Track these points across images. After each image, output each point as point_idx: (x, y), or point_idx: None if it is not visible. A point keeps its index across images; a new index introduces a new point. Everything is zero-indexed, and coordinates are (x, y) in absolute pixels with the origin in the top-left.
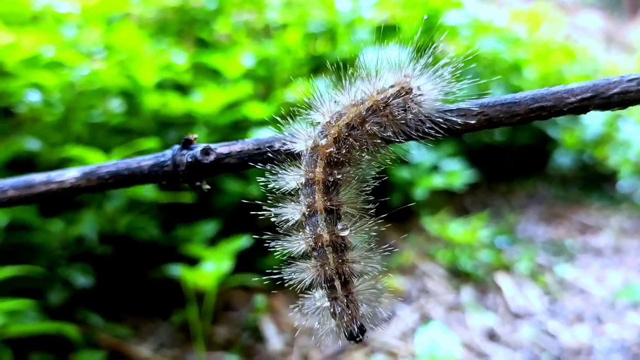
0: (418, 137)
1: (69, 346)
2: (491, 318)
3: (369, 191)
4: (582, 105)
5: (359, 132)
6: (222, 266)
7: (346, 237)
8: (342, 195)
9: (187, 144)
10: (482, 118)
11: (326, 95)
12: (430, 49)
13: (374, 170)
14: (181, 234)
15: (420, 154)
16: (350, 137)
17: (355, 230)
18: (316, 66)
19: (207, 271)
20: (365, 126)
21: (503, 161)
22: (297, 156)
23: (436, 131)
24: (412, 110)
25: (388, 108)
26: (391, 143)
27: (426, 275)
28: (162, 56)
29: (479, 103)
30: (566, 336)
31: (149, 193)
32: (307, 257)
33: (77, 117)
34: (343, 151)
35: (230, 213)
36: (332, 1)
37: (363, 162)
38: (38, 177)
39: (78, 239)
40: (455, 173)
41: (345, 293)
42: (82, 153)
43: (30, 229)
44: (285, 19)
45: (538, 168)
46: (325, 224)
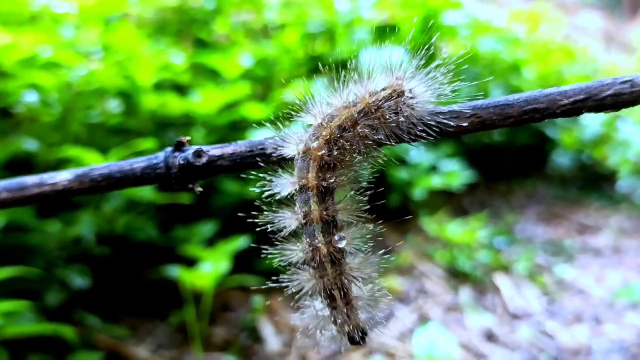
0: (410, 140)
1: (66, 347)
2: (489, 318)
3: (365, 194)
4: (575, 107)
5: (351, 134)
6: (220, 267)
7: (344, 248)
8: (338, 201)
9: (180, 146)
10: (475, 120)
11: (318, 97)
12: (423, 50)
13: (368, 172)
14: (179, 235)
15: (418, 154)
16: (341, 139)
17: (352, 238)
18: (315, 66)
19: (205, 272)
20: (357, 128)
21: (502, 161)
22: (290, 160)
23: (428, 134)
24: (404, 113)
25: (380, 111)
26: (383, 145)
27: (424, 275)
28: (161, 56)
29: (472, 105)
30: (565, 336)
31: (147, 194)
32: (306, 264)
33: (75, 118)
34: (335, 153)
35: (228, 213)
36: (331, 1)
37: (356, 164)
38: (31, 179)
39: (75, 240)
40: (453, 173)
41: (345, 302)
42: (80, 153)
43: (27, 230)
44: (283, 19)
45: (537, 168)
46: (322, 235)
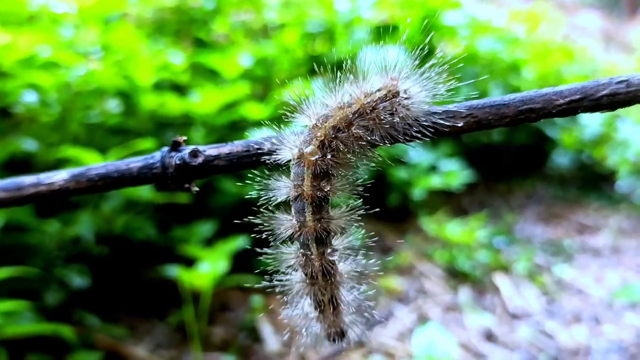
0: (405, 141)
1: (66, 347)
2: (489, 318)
3: (361, 199)
4: (571, 107)
5: (345, 135)
6: (219, 266)
7: (335, 262)
8: (333, 209)
9: (176, 146)
10: (471, 120)
11: (314, 98)
12: (419, 50)
13: (363, 174)
14: (178, 235)
15: (418, 154)
16: (336, 140)
17: (346, 246)
18: (314, 66)
19: (204, 271)
20: (351, 129)
21: (501, 161)
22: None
23: (424, 134)
24: (400, 114)
25: (375, 112)
26: (378, 146)
27: (424, 275)
28: (160, 56)
29: (468, 105)
30: (564, 336)
31: (146, 193)
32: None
33: (74, 118)
34: (329, 157)
35: (227, 213)
36: (331, 1)
37: (351, 167)
38: (27, 179)
39: (74, 240)
40: (453, 173)
41: (332, 307)
42: (79, 153)
43: (26, 230)
44: (283, 19)
45: (536, 168)
46: (315, 247)
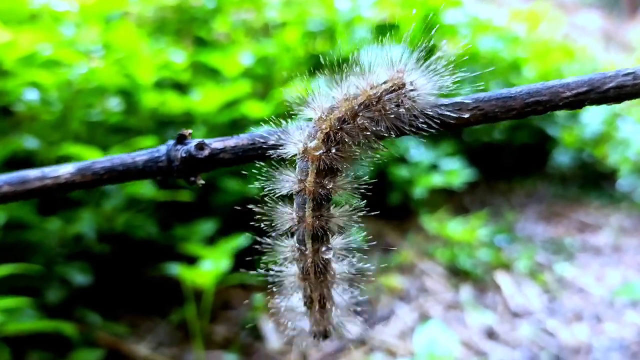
0: (411, 132)
1: (67, 344)
2: (490, 316)
3: (363, 198)
4: (578, 99)
5: (350, 126)
6: (221, 265)
7: (329, 260)
8: (334, 207)
9: (182, 139)
10: (478, 112)
11: (319, 91)
12: (423, 44)
13: (367, 170)
14: (179, 233)
15: (419, 153)
16: (341, 132)
17: (342, 246)
18: (315, 65)
19: (206, 270)
20: (357, 120)
21: (502, 160)
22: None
23: (430, 126)
24: (405, 105)
25: (381, 103)
26: (384, 138)
27: (425, 274)
28: (161, 55)
29: (474, 97)
30: (565, 335)
31: (147, 191)
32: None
33: (75, 116)
34: (333, 150)
35: (229, 212)
36: (332, 0)
37: (355, 160)
38: (32, 173)
39: (76, 237)
40: (454, 172)
41: (320, 305)
42: (80, 151)
43: (27, 227)
44: (284, 18)
45: (537, 167)
46: (311, 243)
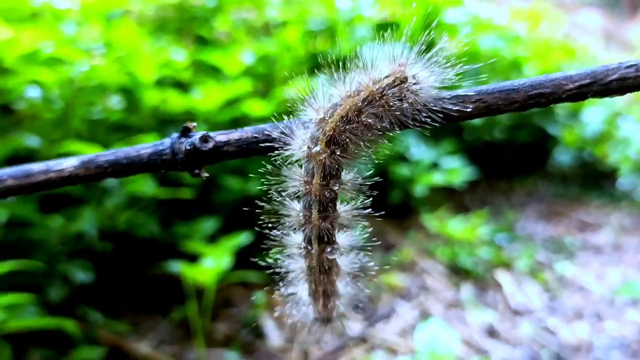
0: (415, 126)
1: (69, 342)
2: (491, 315)
3: (368, 196)
4: (581, 92)
5: (354, 126)
6: (222, 262)
7: (334, 260)
8: (340, 206)
9: (186, 132)
10: (481, 105)
11: (320, 90)
12: (424, 37)
13: (371, 168)
14: (181, 231)
15: (420, 151)
16: (345, 133)
17: (348, 244)
18: (316, 64)
19: (207, 267)
20: (361, 117)
21: (503, 159)
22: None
23: (433, 119)
24: (408, 99)
25: (384, 98)
26: (387, 134)
27: (426, 272)
28: (162, 53)
29: (477, 90)
30: (566, 333)
31: (149, 189)
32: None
33: (76, 114)
34: (338, 152)
35: (230, 209)
36: None
37: (360, 159)
38: (37, 167)
39: (78, 235)
40: (455, 170)
41: (323, 299)
42: (81, 149)
43: (29, 225)
44: (285, 17)
45: (538, 166)
46: (317, 243)
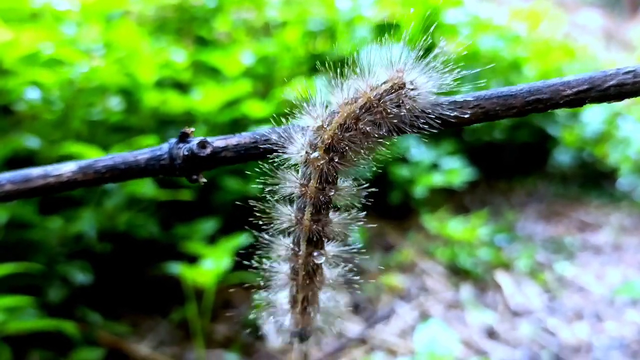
0: (413, 132)
1: (68, 343)
2: (490, 315)
3: (361, 209)
4: (579, 97)
5: (352, 134)
6: (222, 264)
7: (320, 265)
8: (333, 213)
9: (184, 137)
10: (479, 110)
11: (318, 96)
12: (422, 42)
13: (368, 170)
14: (180, 232)
15: (419, 152)
16: (343, 141)
17: (335, 254)
18: (316, 64)
19: (207, 269)
20: (359, 125)
21: (503, 159)
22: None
23: (431, 125)
24: (407, 106)
25: (382, 105)
26: (385, 140)
27: (425, 273)
28: (162, 54)
29: (475, 95)
30: (565, 333)
31: (148, 190)
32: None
33: (76, 115)
34: (336, 159)
35: (230, 210)
36: None
37: (358, 165)
38: (35, 171)
39: (77, 237)
40: (454, 171)
41: (303, 307)
42: (81, 150)
43: (29, 226)
44: (284, 17)
45: (538, 166)
46: (305, 246)
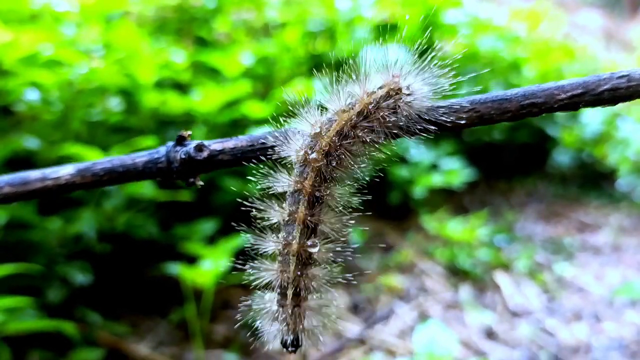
0: (409, 137)
1: (68, 344)
2: (489, 316)
3: (353, 212)
4: (573, 102)
5: (350, 141)
6: (221, 264)
7: (313, 254)
8: (325, 213)
9: (181, 141)
10: (474, 115)
11: (315, 102)
12: (419, 46)
13: (365, 174)
14: (180, 232)
15: (419, 153)
16: (341, 147)
17: (326, 251)
18: (315, 65)
19: (206, 269)
20: (356, 132)
21: (502, 160)
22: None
23: (427, 130)
24: (403, 112)
25: (378, 111)
26: (382, 145)
27: (425, 273)
28: (161, 55)
29: (470, 100)
30: (564, 334)
31: (148, 191)
32: (274, 259)
33: (76, 116)
34: (333, 163)
35: (229, 211)
36: (332, 0)
37: (354, 170)
38: (33, 174)
39: (77, 237)
40: (454, 171)
41: (293, 304)
42: (80, 151)
43: (28, 227)
44: (284, 18)
45: (537, 166)
46: (298, 235)
